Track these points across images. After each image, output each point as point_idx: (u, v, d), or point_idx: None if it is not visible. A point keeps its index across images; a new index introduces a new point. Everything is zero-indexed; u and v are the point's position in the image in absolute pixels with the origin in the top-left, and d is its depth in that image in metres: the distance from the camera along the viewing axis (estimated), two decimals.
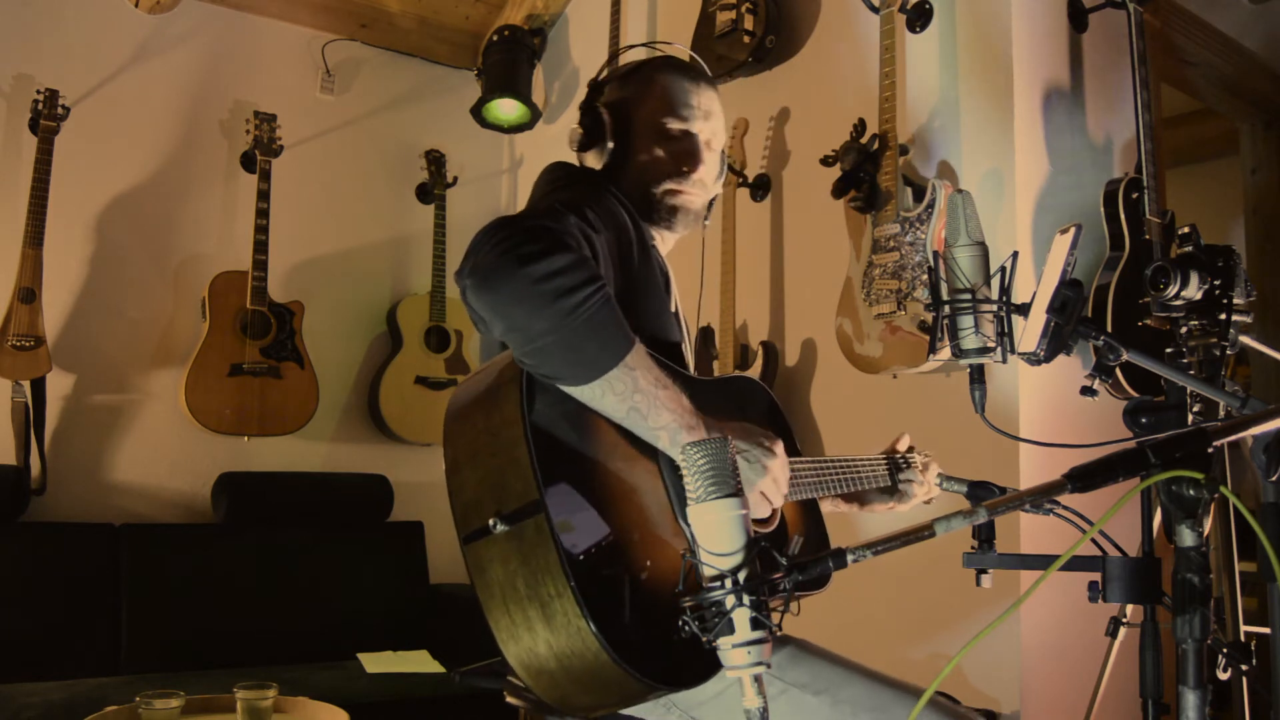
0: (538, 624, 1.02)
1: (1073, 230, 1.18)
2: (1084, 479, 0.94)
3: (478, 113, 3.78)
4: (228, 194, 3.58)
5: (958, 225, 1.19)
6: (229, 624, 3.07)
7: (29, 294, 3.01)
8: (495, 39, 3.69)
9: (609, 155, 1.45)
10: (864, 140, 2.37)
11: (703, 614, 0.85)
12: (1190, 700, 0.95)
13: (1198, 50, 3.08)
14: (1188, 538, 0.96)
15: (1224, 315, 1.52)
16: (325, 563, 3.31)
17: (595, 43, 3.61)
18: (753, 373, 2.74)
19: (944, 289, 1.19)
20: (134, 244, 3.40)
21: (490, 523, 1.04)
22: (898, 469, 1.65)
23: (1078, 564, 0.97)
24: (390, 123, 3.95)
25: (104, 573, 2.98)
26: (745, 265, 2.86)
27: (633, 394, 1.09)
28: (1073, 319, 1.17)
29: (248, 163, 3.50)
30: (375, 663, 2.96)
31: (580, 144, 1.47)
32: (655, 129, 1.45)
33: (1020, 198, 2.25)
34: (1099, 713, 2.00)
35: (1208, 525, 0.98)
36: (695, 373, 1.36)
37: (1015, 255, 1.18)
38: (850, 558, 0.87)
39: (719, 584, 0.85)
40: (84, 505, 3.22)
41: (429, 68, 4.05)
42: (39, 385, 3.07)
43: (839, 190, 2.35)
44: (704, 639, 0.85)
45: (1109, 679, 1.99)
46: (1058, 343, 1.19)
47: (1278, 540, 1.39)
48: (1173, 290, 1.49)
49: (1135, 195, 2.26)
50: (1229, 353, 1.54)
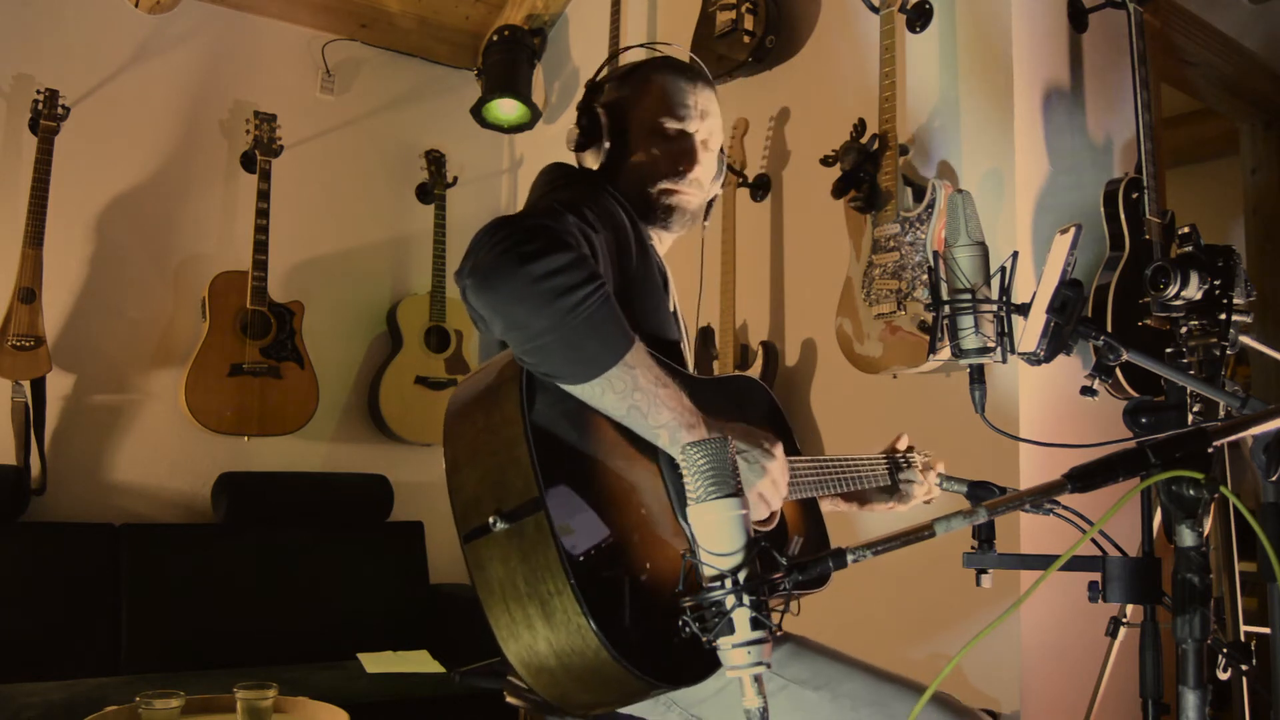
0: (538, 622, 1.02)
1: (1073, 230, 1.18)
2: (1084, 479, 0.94)
3: (478, 113, 3.78)
4: (228, 194, 3.58)
5: (958, 225, 1.19)
6: (229, 624, 3.07)
7: (29, 294, 3.01)
8: (495, 39, 3.69)
9: (606, 155, 1.45)
10: (864, 140, 2.37)
11: (703, 614, 0.85)
12: (1190, 700, 0.95)
13: (1198, 50, 3.08)
14: (1188, 538, 0.96)
15: (1224, 315, 1.52)
16: (325, 563, 3.31)
17: (595, 43, 3.61)
18: (753, 373, 2.74)
19: (944, 289, 1.19)
20: (134, 244, 3.40)
21: (490, 521, 1.04)
22: (898, 468, 1.66)
23: (1078, 564, 0.97)
24: (390, 123, 3.95)
25: (104, 573, 2.98)
26: (745, 265, 2.86)
27: (632, 392, 1.09)
28: (1073, 319, 1.17)
29: (248, 163, 3.51)
30: (375, 663, 2.96)
31: (577, 144, 1.47)
32: (651, 129, 1.45)
33: (1020, 198, 2.25)
34: (1099, 713, 2.00)
35: (1208, 525, 0.98)
36: (695, 372, 1.36)
37: (1015, 255, 1.18)
38: (850, 558, 0.87)
39: (719, 584, 0.85)
40: (84, 505, 3.22)
41: (429, 68, 4.05)
42: (39, 385, 3.07)
43: (839, 190, 2.35)
44: (704, 639, 0.85)
45: (1109, 679, 1.99)
46: (1058, 343, 1.19)
47: (1278, 540, 1.39)
48: (1173, 290, 1.49)
49: (1135, 195, 2.26)
50: (1229, 353, 1.54)
